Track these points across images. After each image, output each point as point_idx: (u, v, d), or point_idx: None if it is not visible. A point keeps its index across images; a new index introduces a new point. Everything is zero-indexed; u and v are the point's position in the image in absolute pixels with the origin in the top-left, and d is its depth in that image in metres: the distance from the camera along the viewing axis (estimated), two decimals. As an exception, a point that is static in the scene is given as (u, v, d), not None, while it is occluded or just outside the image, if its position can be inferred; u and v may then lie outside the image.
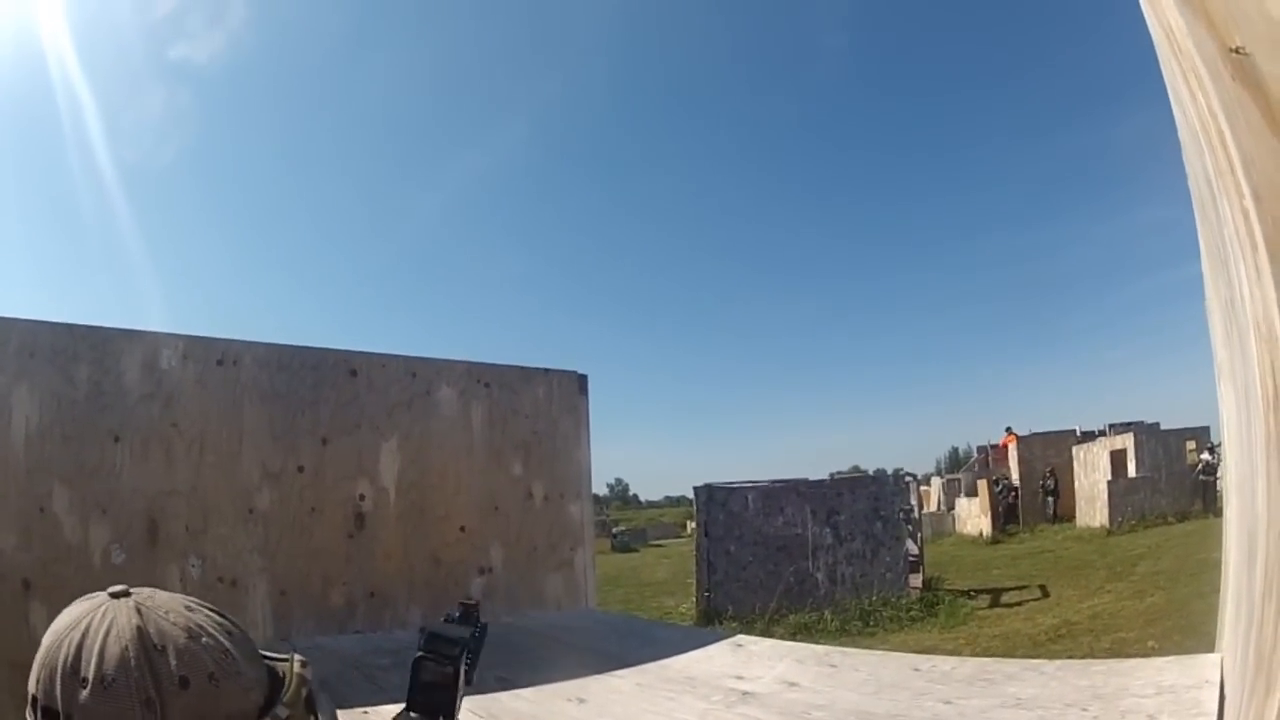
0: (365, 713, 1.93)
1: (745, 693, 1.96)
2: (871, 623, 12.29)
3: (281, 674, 0.98)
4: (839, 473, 20.26)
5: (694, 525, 16.40)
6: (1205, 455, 19.23)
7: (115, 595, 0.92)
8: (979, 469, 28.06)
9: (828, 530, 14.11)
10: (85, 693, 0.84)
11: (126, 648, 0.85)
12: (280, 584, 3.43)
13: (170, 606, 0.93)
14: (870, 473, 18.68)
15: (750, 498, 14.42)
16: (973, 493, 25.99)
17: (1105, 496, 19.56)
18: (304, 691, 0.98)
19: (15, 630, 2.96)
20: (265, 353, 3.61)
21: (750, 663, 2.28)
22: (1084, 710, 1.91)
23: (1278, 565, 0.87)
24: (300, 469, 3.57)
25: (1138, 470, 20.19)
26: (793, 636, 10.00)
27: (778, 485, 14.92)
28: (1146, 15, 1.16)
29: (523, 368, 4.23)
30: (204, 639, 0.91)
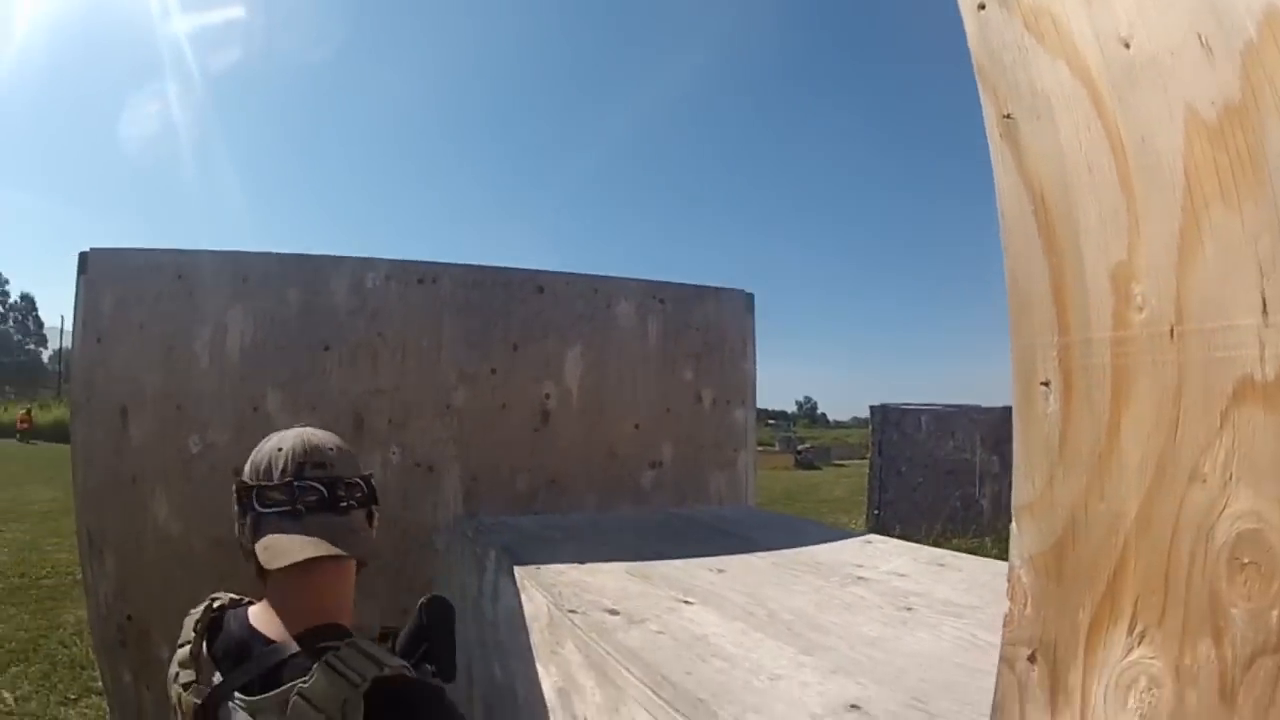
0: (538, 568, 2.35)
1: (859, 578, 2.19)
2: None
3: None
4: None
5: (872, 445, 16.22)
6: None
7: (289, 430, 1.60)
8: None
9: (995, 458, 13.58)
10: (334, 452, 1.52)
11: (332, 437, 1.57)
12: (471, 470, 3.75)
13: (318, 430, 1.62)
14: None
15: (924, 420, 14.09)
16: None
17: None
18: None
19: (228, 512, 3.45)
20: (461, 273, 3.88)
21: (873, 557, 2.49)
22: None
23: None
24: (493, 371, 3.85)
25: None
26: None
27: (950, 409, 14.49)
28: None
29: (695, 285, 4.35)
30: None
